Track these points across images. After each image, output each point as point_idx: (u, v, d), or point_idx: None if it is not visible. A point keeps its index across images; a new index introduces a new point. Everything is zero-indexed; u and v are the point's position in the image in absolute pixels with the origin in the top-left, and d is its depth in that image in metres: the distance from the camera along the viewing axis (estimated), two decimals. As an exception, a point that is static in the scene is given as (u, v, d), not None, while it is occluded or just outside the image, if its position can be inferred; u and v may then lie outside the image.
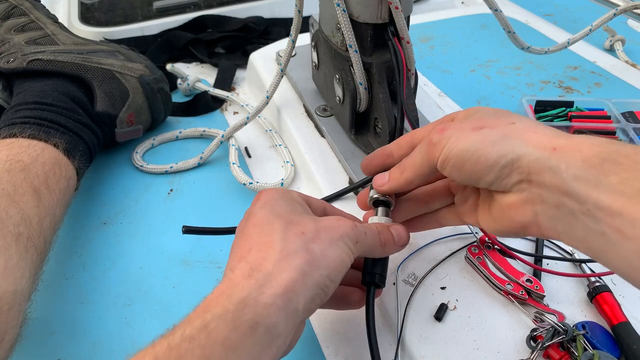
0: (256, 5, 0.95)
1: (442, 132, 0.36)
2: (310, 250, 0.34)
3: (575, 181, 0.29)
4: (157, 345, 0.29)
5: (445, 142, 0.35)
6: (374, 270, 0.40)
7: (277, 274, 0.32)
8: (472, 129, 0.35)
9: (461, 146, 0.34)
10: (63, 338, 0.46)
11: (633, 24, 0.94)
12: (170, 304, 0.49)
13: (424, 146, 0.37)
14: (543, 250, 0.48)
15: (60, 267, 0.52)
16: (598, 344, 0.40)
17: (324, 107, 0.64)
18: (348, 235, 0.36)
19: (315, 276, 0.33)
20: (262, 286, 0.31)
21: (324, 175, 0.57)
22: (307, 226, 0.35)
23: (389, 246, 0.40)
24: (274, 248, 0.33)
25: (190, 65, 0.86)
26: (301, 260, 0.33)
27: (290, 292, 0.31)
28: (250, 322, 0.30)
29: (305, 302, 0.32)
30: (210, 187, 0.62)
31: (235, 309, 0.30)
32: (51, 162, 0.50)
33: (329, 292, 0.34)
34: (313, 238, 0.34)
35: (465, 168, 0.34)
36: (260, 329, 0.30)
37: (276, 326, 0.31)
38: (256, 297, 0.31)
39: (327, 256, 0.34)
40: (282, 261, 0.33)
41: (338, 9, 0.49)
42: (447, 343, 0.41)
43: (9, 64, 0.59)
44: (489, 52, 0.84)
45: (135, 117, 0.64)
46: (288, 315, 0.31)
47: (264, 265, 0.32)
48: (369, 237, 0.38)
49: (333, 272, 0.34)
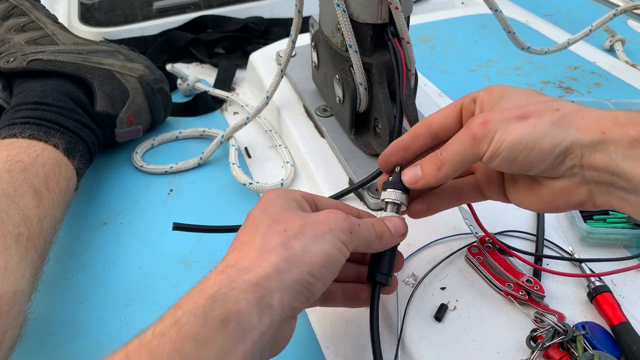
0: (256, 5, 0.95)
1: (486, 126, 0.34)
2: (290, 247, 0.33)
3: (623, 161, 0.31)
4: (129, 344, 0.29)
5: (492, 136, 0.34)
6: (377, 267, 0.39)
7: (251, 269, 0.32)
8: (517, 118, 0.34)
9: (512, 139, 0.33)
10: (63, 338, 0.46)
11: (633, 24, 0.94)
12: (170, 304, 0.48)
13: (466, 140, 0.35)
14: (543, 250, 0.48)
15: (60, 267, 0.52)
16: (598, 344, 0.40)
17: (324, 107, 0.64)
18: (339, 227, 0.35)
19: (293, 273, 0.32)
20: (233, 281, 0.31)
21: (324, 175, 0.57)
22: (292, 223, 0.35)
23: (386, 238, 0.39)
24: (253, 247, 0.33)
25: (190, 66, 0.86)
26: (277, 257, 0.32)
27: (262, 288, 0.31)
28: (220, 316, 0.29)
29: (282, 298, 0.32)
30: (210, 188, 0.62)
31: (206, 303, 0.30)
32: (51, 163, 0.50)
33: (314, 288, 0.33)
34: (296, 235, 0.34)
35: (517, 160, 0.34)
36: (231, 323, 0.30)
37: (247, 321, 0.30)
38: (226, 292, 0.30)
39: (309, 252, 0.33)
40: (258, 258, 0.32)
41: (338, 9, 0.49)
42: (447, 343, 0.41)
43: (9, 64, 0.59)
44: (489, 52, 0.84)
45: (135, 117, 0.64)
46: (261, 311, 0.31)
47: (240, 263, 0.32)
48: (364, 229, 0.37)
49: (316, 268, 0.33)
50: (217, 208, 0.59)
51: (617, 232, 0.50)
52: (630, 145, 0.31)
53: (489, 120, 0.34)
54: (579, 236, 0.51)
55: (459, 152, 0.36)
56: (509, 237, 0.50)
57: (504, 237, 0.50)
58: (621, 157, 0.31)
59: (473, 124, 0.35)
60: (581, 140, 0.32)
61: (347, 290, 0.41)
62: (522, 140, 0.33)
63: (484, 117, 0.35)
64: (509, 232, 0.50)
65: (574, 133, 0.32)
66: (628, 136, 0.31)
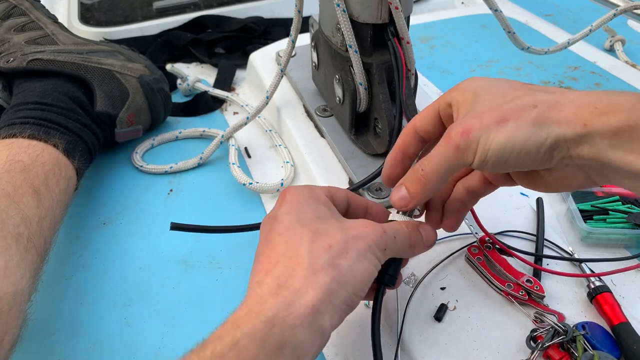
0: (256, 5, 0.95)
1: (468, 135, 0.34)
2: (338, 266, 0.33)
3: (610, 150, 0.31)
4: None
5: (477, 145, 0.34)
6: (386, 269, 0.39)
7: (305, 291, 0.32)
8: (496, 123, 0.33)
9: (496, 146, 0.33)
10: (63, 338, 0.46)
11: (633, 24, 0.94)
12: (170, 304, 0.49)
13: (449, 152, 0.35)
14: (543, 250, 0.48)
15: (60, 267, 0.52)
16: (598, 344, 0.40)
17: (324, 107, 0.64)
18: (376, 244, 0.35)
19: (342, 294, 0.33)
20: (290, 305, 0.31)
21: (324, 175, 0.57)
22: (334, 237, 0.35)
23: (418, 248, 0.39)
24: (301, 264, 0.33)
25: (190, 66, 0.86)
26: (328, 278, 0.33)
27: (317, 312, 0.31)
28: (277, 342, 0.30)
29: (332, 320, 0.33)
30: (210, 188, 0.62)
31: (264, 328, 0.30)
32: (51, 163, 0.50)
33: (355, 306, 0.34)
34: (340, 252, 0.34)
35: (508, 163, 0.34)
36: (287, 349, 0.30)
37: (302, 346, 0.31)
38: (284, 317, 0.31)
39: (354, 272, 0.34)
40: (309, 278, 0.32)
41: (338, 9, 0.49)
42: (447, 343, 0.41)
43: (8, 64, 0.59)
44: (489, 52, 0.84)
45: (135, 117, 0.64)
46: (314, 335, 0.31)
47: (291, 283, 0.32)
48: (399, 242, 0.37)
49: (360, 287, 0.34)
50: (217, 208, 0.59)
51: (617, 232, 0.50)
52: (615, 135, 0.30)
53: (469, 129, 0.34)
54: (579, 236, 0.51)
55: (442, 163, 0.36)
56: (509, 237, 0.50)
57: (504, 237, 0.50)
58: (608, 147, 0.31)
59: (453, 133, 0.35)
60: (564, 135, 0.32)
61: None
62: (507, 146, 0.33)
63: (463, 125, 0.34)
64: (509, 232, 0.50)
65: (555, 129, 0.32)
66: (611, 126, 0.30)
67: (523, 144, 0.33)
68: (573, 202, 0.53)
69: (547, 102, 0.33)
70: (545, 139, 0.32)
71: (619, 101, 0.31)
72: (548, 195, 0.56)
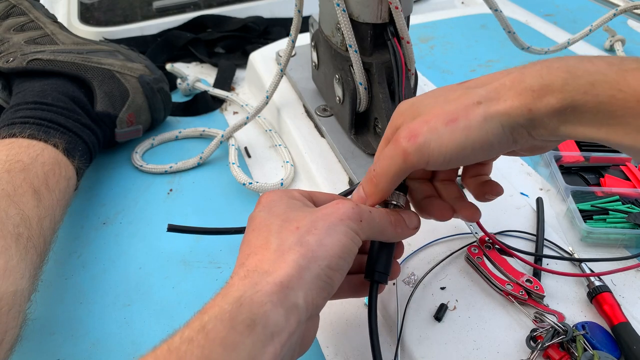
0: (256, 5, 0.95)
1: (415, 140, 0.34)
2: (305, 243, 0.33)
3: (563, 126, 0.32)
4: (157, 349, 0.29)
5: (428, 149, 0.34)
6: (375, 266, 0.39)
7: (272, 271, 0.32)
8: (445, 124, 0.33)
9: (453, 148, 0.33)
10: (63, 338, 0.46)
11: (633, 24, 0.94)
12: (170, 304, 0.49)
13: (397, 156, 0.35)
14: (543, 250, 0.48)
15: (59, 267, 0.52)
16: (598, 344, 0.40)
17: (324, 107, 0.64)
18: (348, 216, 0.35)
19: (313, 268, 0.32)
20: (257, 284, 0.31)
21: (323, 175, 0.57)
22: (303, 220, 0.35)
23: (401, 227, 0.39)
24: (269, 249, 0.33)
25: (190, 65, 0.86)
26: (296, 255, 0.32)
27: (286, 288, 0.31)
28: (247, 320, 0.30)
29: (306, 296, 0.32)
30: (210, 187, 0.62)
31: (232, 308, 0.30)
32: (51, 162, 0.50)
33: (334, 282, 0.34)
34: (308, 230, 0.34)
35: (473, 157, 0.34)
36: (258, 327, 0.30)
37: (276, 323, 0.30)
38: (251, 296, 0.31)
39: (325, 245, 0.33)
40: (277, 260, 0.32)
41: (338, 9, 0.49)
42: (447, 343, 0.41)
43: (8, 64, 0.59)
44: (489, 52, 0.84)
45: (135, 117, 0.64)
46: (288, 312, 0.31)
47: (259, 266, 0.32)
48: (376, 215, 0.37)
49: (334, 260, 0.33)
50: (216, 208, 0.59)
51: (617, 232, 0.50)
52: (560, 113, 0.31)
53: (415, 133, 0.34)
54: (579, 236, 0.51)
55: (391, 167, 0.36)
56: (509, 237, 0.50)
57: (504, 237, 0.50)
58: (558, 124, 0.32)
59: (400, 137, 0.35)
60: (517, 122, 0.32)
61: (353, 281, 0.41)
62: (466, 146, 0.33)
63: (409, 129, 0.34)
64: (508, 232, 0.50)
65: (506, 119, 0.33)
66: (552, 107, 0.31)
67: (484, 140, 0.33)
68: (573, 202, 0.53)
69: (488, 95, 0.34)
70: (501, 129, 0.33)
71: (550, 80, 0.31)
72: (548, 195, 0.56)
